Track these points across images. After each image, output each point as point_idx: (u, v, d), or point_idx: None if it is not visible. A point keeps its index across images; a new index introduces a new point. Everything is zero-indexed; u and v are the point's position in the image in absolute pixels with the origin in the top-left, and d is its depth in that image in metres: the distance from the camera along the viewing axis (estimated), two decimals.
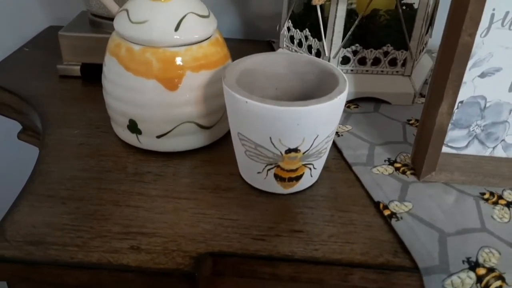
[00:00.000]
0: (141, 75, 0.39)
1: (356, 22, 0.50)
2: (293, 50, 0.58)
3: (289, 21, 0.57)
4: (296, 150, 0.35)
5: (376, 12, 0.53)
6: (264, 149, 0.36)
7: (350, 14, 0.52)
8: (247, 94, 0.34)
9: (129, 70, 0.40)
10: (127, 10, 0.40)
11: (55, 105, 0.51)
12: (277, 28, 0.61)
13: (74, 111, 0.50)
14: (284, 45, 0.59)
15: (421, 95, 0.56)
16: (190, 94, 0.40)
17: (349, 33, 0.51)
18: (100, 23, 0.56)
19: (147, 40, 0.39)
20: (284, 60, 0.41)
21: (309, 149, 0.36)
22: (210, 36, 0.42)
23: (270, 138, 0.35)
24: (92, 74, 0.56)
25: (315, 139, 0.35)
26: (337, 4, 0.49)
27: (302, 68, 0.41)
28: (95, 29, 0.56)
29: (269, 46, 0.70)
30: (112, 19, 0.53)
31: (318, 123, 0.35)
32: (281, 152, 0.35)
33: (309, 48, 0.55)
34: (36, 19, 0.74)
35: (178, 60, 0.39)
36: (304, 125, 0.34)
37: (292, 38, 0.58)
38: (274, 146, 0.35)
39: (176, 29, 0.39)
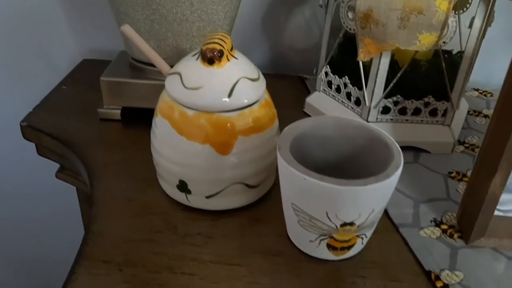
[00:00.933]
0: (194, 140, 0.40)
1: (399, 75, 0.50)
2: (330, 95, 0.58)
3: (327, 66, 0.58)
4: (351, 223, 0.36)
5: (417, 62, 0.53)
6: (319, 222, 0.36)
7: (391, 65, 0.52)
8: (305, 170, 0.35)
9: (182, 135, 0.40)
10: (180, 74, 0.41)
11: (99, 152, 0.51)
12: (314, 71, 0.61)
13: (118, 159, 0.50)
14: (321, 89, 0.60)
15: (459, 142, 0.56)
16: (240, 157, 0.41)
17: (391, 85, 0.51)
18: (142, 69, 0.57)
19: (201, 105, 0.39)
20: (334, 124, 0.41)
21: (364, 222, 0.36)
22: (260, 98, 0.42)
23: (327, 213, 0.35)
24: (132, 116, 0.56)
25: (370, 213, 0.36)
26: (380, 57, 0.49)
27: (352, 133, 0.41)
28: (136, 74, 0.57)
29: (302, 83, 0.71)
30: (153, 65, 0.54)
31: (375, 199, 0.35)
32: (336, 226, 0.36)
33: (348, 95, 0.55)
34: (68, 50, 0.75)
35: (231, 126, 0.40)
36: (361, 202, 0.34)
37: (330, 83, 0.58)
38: (330, 220, 0.35)
39: (230, 95, 0.39)
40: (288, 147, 0.37)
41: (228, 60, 0.41)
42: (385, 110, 0.53)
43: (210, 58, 0.39)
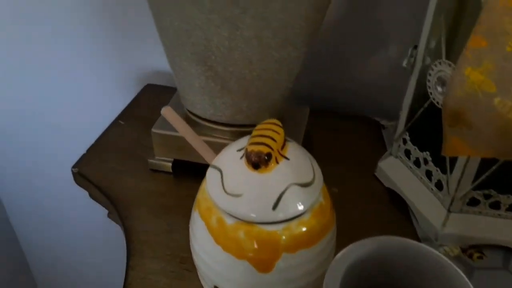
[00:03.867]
0: (230, 252, 0.35)
1: (494, 168, 0.41)
2: (408, 166, 0.49)
3: (407, 133, 0.49)
4: None
5: None
6: None
7: None
8: None
9: (218, 243, 0.35)
10: (221, 172, 0.35)
11: (141, 216, 0.48)
12: (393, 134, 0.53)
13: (160, 229, 0.47)
14: (398, 155, 0.51)
15: None
16: (283, 275, 0.35)
17: (482, 177, 0.41)
18: (196, 122, 0.52)
19: (241, 214, 0.34)
20: (400, 250, 0.34)
21: None
22: (313, 204, 0.36)
23: None
24: (185, 168, 0.52)
25: None
26: None
27: (420, 264, 0.33)
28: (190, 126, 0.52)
29: (378, 129, 0.62)
30: (208, 120, 0.48)
31: None
32: None
33: (428, 174, 0.47)
34: (134, 72, 0.72)
35: (274, 241, 0.34)
36: None
37: (408, 153, 0.49)
38: None
39: (275, 206, 0.33)
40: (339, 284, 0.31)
41: (277, 162, 0.34)
42: (473, 202, 0.44)
43: (255, 163, 0.33)
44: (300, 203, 0.34)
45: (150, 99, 0.67)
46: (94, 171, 0.54)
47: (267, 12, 0.41)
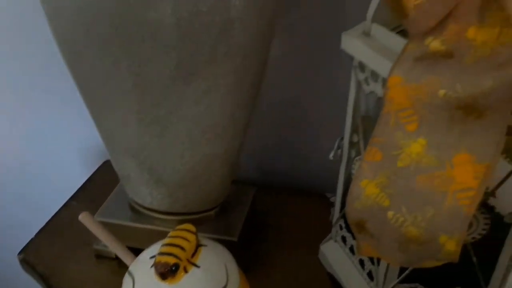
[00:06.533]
0: None
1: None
2: (345, 252, 0.50)
3: (343, 219, 0.49)
4: None
5: None
6: None
7: None
8: None
9: None
10: (133, 280, 0.36)
11: None
12: (330, 216, 0.53)
13: None
14: (337, 240, 0.52)
15: None
16: None
17: (407, 272, 0.42)
18: (138, 210, 0.53)
19: None
20: None
21: None
22: None
23: None
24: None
25: None
26: None
27: None
28: (135, 216, 0.53)
29: (328, 205, 0.62)
30: (152, 209, 0.49)
31: None
32: None
33: (361, 262, 0.47)
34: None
35: None
36: None
37: (344, 239, 0.50)
38: None
39: None
40: None
41: (186, 271, 0.35)
42: None
43: (162, 274, 0.34)
44: None
45: (107, 178, 0.68)
46: (40, 257, 0.55)
47: (193, 113, 0.43)
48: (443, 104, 0.29)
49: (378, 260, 0.43)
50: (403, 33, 0.36)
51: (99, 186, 0.66)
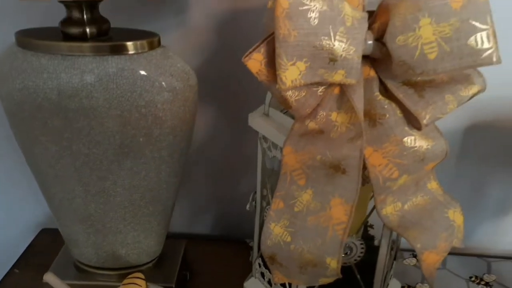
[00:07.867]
0: None
1: None
2: (264, 285, 0.61)
3: (260, 258, 0.61)
4: None
5: None
6: None
7: None
8: None
9: None
10: None
11: None
12: (250, 257, 0.64)
13: None
14: (257, 276, 0.62)
15: None
16: None
17: None
18: (83, 269, 0.60)
19: None
20: None
21: None
22: None
23: None
24: None
25: None
26: None
27: None
28: (80, 275, 0.60)
29: (246, 248, 0.73)
30: (97, 267, 0.56)
31: None
32: None
33: None
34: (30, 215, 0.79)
35: None
36: None
37: (263, 274, 0.61)
38: None
39: None
40: None
41: None
42: None
43: None
44: None
45: (46, 244, 0.73)
46: None
47: (133, 182, 0.53)
48: (320, 165, 0.42)
49: (290, 285, 0.54)
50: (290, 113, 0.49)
51: (40, 253, 0.71)
